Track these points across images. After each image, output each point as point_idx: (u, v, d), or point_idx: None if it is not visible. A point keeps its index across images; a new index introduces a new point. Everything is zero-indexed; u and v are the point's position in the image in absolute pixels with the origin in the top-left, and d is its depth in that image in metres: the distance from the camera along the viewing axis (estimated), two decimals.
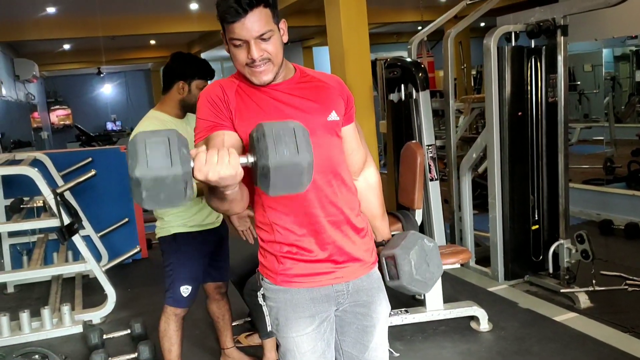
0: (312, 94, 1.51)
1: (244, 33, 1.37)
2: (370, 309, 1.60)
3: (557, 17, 3.56)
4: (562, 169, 3.73)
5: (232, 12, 1.35)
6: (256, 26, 1.36)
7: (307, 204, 1.48)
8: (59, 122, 15.49)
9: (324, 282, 1.52)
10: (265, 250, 1.54)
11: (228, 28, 1.38)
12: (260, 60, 1.39)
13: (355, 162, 1.65)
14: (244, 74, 1.44)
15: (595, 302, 3.46)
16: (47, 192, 3.53)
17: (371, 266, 1.61)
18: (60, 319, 3.58)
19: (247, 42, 1.38)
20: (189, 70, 2.43)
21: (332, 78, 1.59)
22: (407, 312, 3.21)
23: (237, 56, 1.41)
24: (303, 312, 1.51)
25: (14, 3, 6.56)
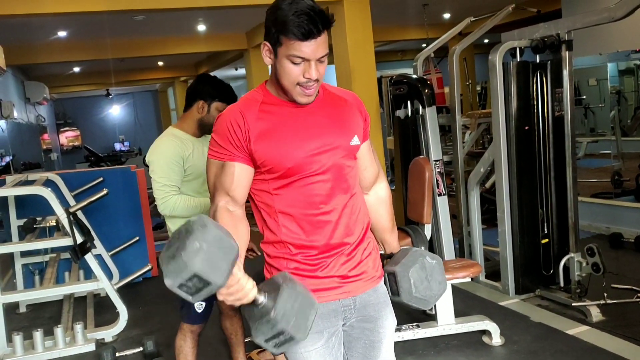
0: (337, 115, 1.52)
1: (310, 53, 1.36)
2: (377, 324, 1.60)
3: (561, 33, 3.61)
4: (570, 182, 3.74)
5: (305, 31, 1.33)
6: (321, 48, 1.37)
7: (326, 227, 1.50)
8: (68, 143, 15.63)
9: (331, 297, 1.52)
10: (271, 267, 1.55)
11: (292, 44, 1.35)
12: (314, 81, 1.40)
13: (368, 178, 1.67)
14: (289, 90, 1.42)
15: (607, 315, 3.45)
16: (60, 212, 3.57)
17: (377, 280, 1.62)
18: (73, 338, 3.60)
19: (308, 62, 1.37)
20: (211, 91, 2.46)
21: (350, 95, 1.60)
22: (418, 327, 3.21)
23: (291, 73, 1.39)
24: (311, 328, 1.51)
25: (25, 27, 6.68)
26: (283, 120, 1.45)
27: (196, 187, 2.46)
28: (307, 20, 1.33)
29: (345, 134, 1.51)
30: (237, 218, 1.48)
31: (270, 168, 1.45)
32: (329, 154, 1.48)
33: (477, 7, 6.19)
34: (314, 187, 1.48)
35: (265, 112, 1.46)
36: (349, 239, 1.53)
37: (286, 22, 1.34)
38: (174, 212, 2.39)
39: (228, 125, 1.44)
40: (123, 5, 5.18)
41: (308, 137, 1.46)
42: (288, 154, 1.44)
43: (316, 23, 1.34)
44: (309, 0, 1.37)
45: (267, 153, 1.43)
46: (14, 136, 8.48)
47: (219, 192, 1.49)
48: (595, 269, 3.56)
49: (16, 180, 4.21)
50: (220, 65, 11.08)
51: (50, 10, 5.03)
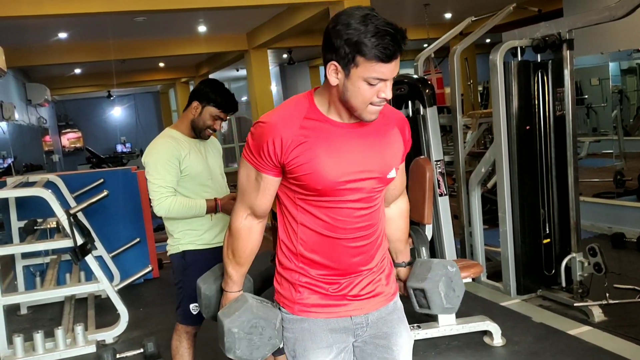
0: (380, 142, 1.45)
1: (389, 74, 1.31)
2: (390, 341, 1.56)
3: (562, 32, 3.59)
4: (571, 181, 3.73)
5: (390, 53, 1.27)
6: (396, 68, 1.32)
7: (347, 252, 1.47)
8: (69, 145, 15.66)
9: (342, 313, 1.49)
10: (282, 278, 1.52)
11: (372, 66, 1.28)
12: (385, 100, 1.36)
13: (394, 195, 1.66)
14: (358, 109, 1.35)
15: (609, 315, 3.44)
16: (60, 213, 3.57)
17: (391, 297, 1.58)
18: (73, 339, 3.60)
19: (384, 82, 1.32)
20: (209, 95, 2.45)
21: (397, 117, 1.53)
22: (419, 328, 3.20)
23: (365, 93, 1.32)
24: (321, 343, 1.48)
25: (26, 29, 6.69)
26: (323, 139, 1.38)
27: (193, 188, 2.45)
28: (392, 42, 1.27)
29: (385, 165, 1.45)
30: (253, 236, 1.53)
31: (301, 184, 1.41)
32: (363, 182, 1.42)
33: (478, 6, 6.17)
34: (340, 211, 1.43)
35: (307, 128, 1.38)
36: (367, 267, 1.50)
37: (366, 43, 1.26)
38: (169, 213, 2.39)
39: (265, 142, 1.38)
40: (124, 7, 5.18)
41: (345, 162, 1.39)
42: (321, 176, 1.38)
43: (399, 43, 1.28)
44: (381, 17, 1.29)
45: (300, 170, 1.38)
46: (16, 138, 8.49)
47: (242, 203, 1.51)
48: (597, 269, 3.55)
49: (17, 181, 4.21)
50: (221, 66, 11.08)
51: (51, 11, 5.03)
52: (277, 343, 1.49)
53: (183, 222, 2.45)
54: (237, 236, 1.53)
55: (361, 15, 1.28)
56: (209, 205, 2.41)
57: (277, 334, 1.48)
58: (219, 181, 2.56)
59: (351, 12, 1.30)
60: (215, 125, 2.48)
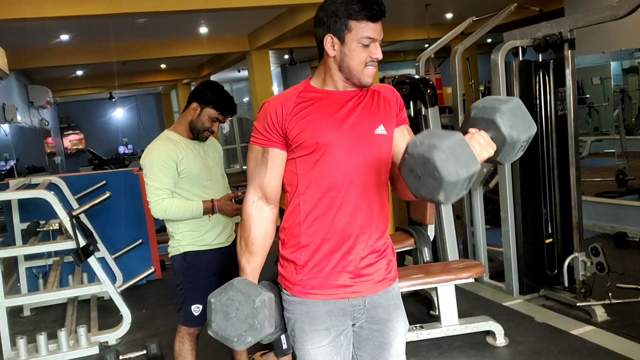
0: (368, 105, 1.58)
1: (376, 34, 1.50)
2: (387, 326, 1.61)
3: (564, 31, 3.59)
4: (573, 181, 3.73)
5: (376, 12, 1.48)
6: (381, 31, 1.52)
7: (347, 212, 1.52)
8: (72, 146, 15.67)
9: (340, 295, 1.53)
10: (284, 260, 1.58)
11: (363, 27, 1.48)
12: (377, 61, 1.53)
13: None
14: (356, 73, 1.52)
15: (612, 315, 3.43)
16: (63, 215, 3.57)
17: (389, 282, 1.61)
18: (76, 341, 3.60)
19: (374, 42, 1.50)
20: (208, 96, 2.46)
21: (383, 87, 1.68)
22: (422, 328, 3.20)
23: (360, 54, 1.50)
24: (319, 325, 1.53)
25: (27, 31, 6.71)
26: (317, 104, 1.54)
27: (192, 189, 2.45)
28: (375, 4, 1.48)
29: (371, 122, 1.56)
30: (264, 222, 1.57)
31: (301, 143, 1.51)
32: (355, 135, 1.53)
33: (479, 6, 6.17)
34: (338, 164, 1.51)
35: (303, 99, 1.55)
36: (365, 230, 1.54)
37: (354, 8, 1.47)
38: (167, 215, 2.39)
39: (267, 112, 1.54)
40: (125, 9, 5.18)
41: (338, 119, 1.53)
42: (319, 130, 1.51)
43: (380, 6, 1.49)
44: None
45: (300, 129, 1.51)
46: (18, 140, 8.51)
47: (253, 185, 1.58)
48: (600, 269, 3.54)
49: (19, 183, 4.23)
50: (223, 67, 11.09)
51: (52, 14, 5.04)
52: (256, 325, 1.44)
53: (184, 224, 2.45)
54: (249, 222, 1.57)
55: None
56: (206, 206, 2.42)
57: (256, 314, 1.44)
58: (219, 182, 2.56)
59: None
60: (214, 127, 2.49)
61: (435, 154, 1.20)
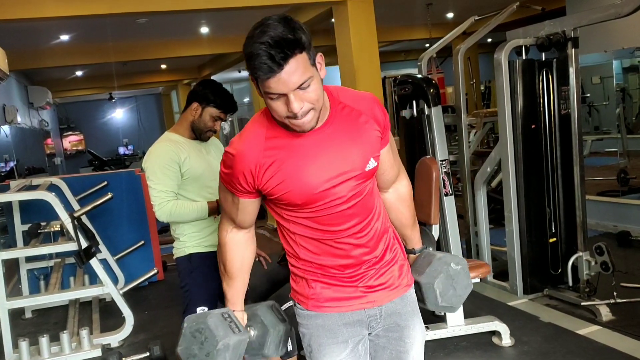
0: (350, 138, 1.39)
1: (280, 87, 1.22)
2: (403, 333, 1.56)
3: (567, 30, 3.57)
4: (577, 180, 3.71)
5: (264, 70, 1.20)
6: (294, 78, 1.21)
7: (347, 248, 1.46)
8: (71, 147, 15.63)
9: (355, 306, 1.48)
10: (296, 275, 1.53)
11: (263, 82, 1.23)
12: (302, 114, 1.26)
13: (387, 181, 1.61)
14: (284, 123, 1.31)
15: (617, 314, 3.41)
16: (64, 216, 3.56)
17: (405, 288, 1.57)
18: (79, 343, 3.58)
19: (284, 95, 1.24)
20: (209, 95, 2.42)
21: (365, 102, 1.44)
22: (428, 329, 3.18)
23: (276, 109, 1.27)
24: (336, 338, 1.48)
25: (27, 32, 6.69)
26: (291, 155, 1.34)
27: (196, 190, 2.43)
28: (266, 57, 1.19)
29: (361, 160, 1.40)
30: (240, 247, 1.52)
31: (283, 202, 1.40)
32: (343, 185, 1.38)
33: (481, 6, 6.14)
34: (329, 217, 1.42)
35: (272, 148, 1.34)
36: (369, 257, 1.49)
37: (250, 58, 1.22)
38: (172, 218, 2.37)
39: (235, 175, 1.38)
40: (126, 8, 5.16)
41: (319, 170, 1.35)
42: (298, 191, 1.35)
43: (273, 58, 1.19)
44: (277, 28, 1.22)
45: (277, 191, 1.37)
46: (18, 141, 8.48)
47: (226, 218, 1.52)
48: (605, 268, 3.53)
49: (20, 185, 4.20)
50: (224, 67, 11.07)
51: (52, 14, 5.02)
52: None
53: (189, 225, 2.43)
54: (225, 249, 1.53)
55: (255, 28, 1.24)
56: (211, 206, 2.39)
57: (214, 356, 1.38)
58: None
59: (259, 23, 1.25)
60: (216, 126, 2.46)
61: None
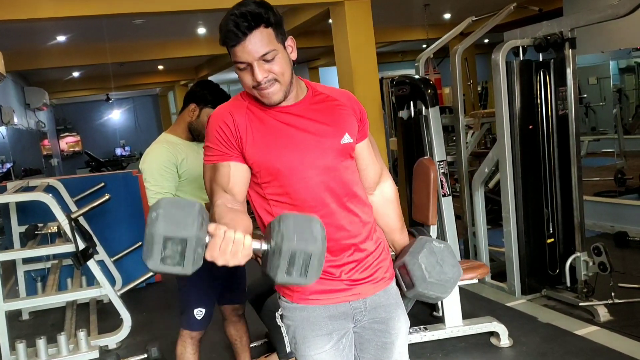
0: (325, 116, 1.49)
1: (245, 56, 1.35)
2: (388, 325, 1.59)
3: (564, 30, 3.58)
4: (575, 181, 3.72)
5: (231, 36, 1.34)
6: (257, 47, 1.34)
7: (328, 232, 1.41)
8: (68, 149, 15.62)
9: (340, 299, 1.51)
10: None
11: (231, 52, 1.37)
12: (267, 82, 1.37)
13: (370, 177, 1.63)
14: (253, 95, 1.43)
15: (615, 315, 3.41)
16: (62, 218, 3.54)
17: (388, 281, 1.59)
18: (76, 345, 3.56)
19: (250, 65, 1.36)
20: (206, 96, 2.41)
21: (343, 94, 1.57)
22: (426, 330, 3.18)
23: (244, 79, 1.40)
24: (320, 330, 1.50)
25: (24, 33, 6.67)
26: (270, 126, 1.43)
27: (193, 192, 2.42)
28: (233, 24, 1.33)
29: (335, 133, 1.48)
30: (238, 212, 1.40)
31: (259, 171, 1.44)
32: (320, 155, 1.45)
33: (478, 6, 6.16)
34: (307, 191, 1.44)
35: (253, 116, 1.44)
36: (353, 240, 1.50)
37: (220, 32, 1.36)
38: None
39: (218, 126, 1.43)
40: (122, 9, 5.16)
41: (296, 142, 1.43)
42: (276, 160, 1.42)
43: (238, 26, 1.32)
44: (249, 4, 1.35)
45: (256, 158, 1.42)
46: (15, 142, 8.47)
47: (217, 192, 1.46)
48: (602, 268, 3.53)
49: (17, 186, 4.18)
50: (221, 68, 11.07)
51: (49, 14, 5.01)
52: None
53: None
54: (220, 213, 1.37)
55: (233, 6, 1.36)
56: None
57: None
58: None
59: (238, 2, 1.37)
60: None
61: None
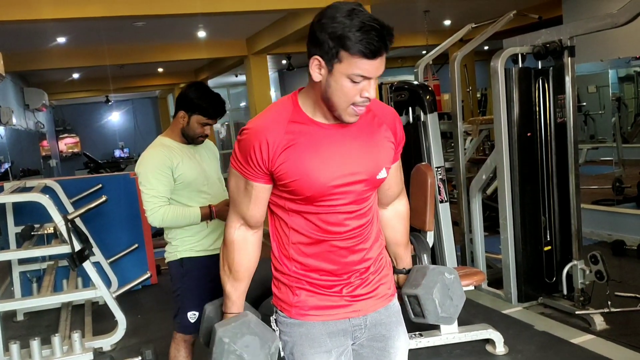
0: (368, 142, 1.41)
1: (373, 71, 1.27)
2: (387, 344, 1.55)
3: (563, 39, 3.59)
4: (573, 189, 3.72)
5: (374, 49, 1.23)
6: (382, 67, 1.28)
7: (339, 252, 1.44)
8: (67, 150, 15.61)
9: (340, 315, 1.47)
10: (279, 282, 1.50)
11: (356, 62, 1.25)
12: (366, 102, 1.32)
13: (390, 197, 1.61)
14: (339, 109, 1.32)
15: (611, 323, 3.41)
16: (58, 219, 3.53)
17: (390, 298, 1.56)
18: (70, 347, 3.54)
19: (368, 80, 1.28)
20: (192, 103, 2.39)
21: (387, 114, 1.48)
22: (421, 336, 3.17)
23: (349, 92, 1.28)
24: (319, 347, 1.46)
25: (24, 34, 6.68)
26: (310, 143, 1.35)
27: (189, 195, 2.41)
28: (377, 37, 1.23)
29: (375, 166, 1.42)
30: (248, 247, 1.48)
31: (290, 190, 1.38)
32: (352, 186, 1.40)
33: (478, 13, 6.18)
34: (330, 216, 1.41)
35: (292, 132, 1.35)
36: (362, 265, 1.48)
37: (350, 37, 1.23)
38: (163, 223, 2.35)
39: (251, 148, 1.35)
40: (123, 11, 5.16)
41: (334, 166, 1.36)
42: (309, 181, 1.35)
43: (385, 40, 1.24)
44: (367, 12, 1.26)
45: (288, 177, 1.36)
46: (13, 143, 8.45)
47: (235, 213, 1.47)
48: (599, 277, 3.53)
49: (14, 187, 4.17)
50: (221, 71, 11.07)
51: (49, 16, 5.01)
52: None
53: (181, 229, 2.41)
54: (232, 248, 1.48)
55: (347, 9, 1.25)
56: (204, 212, 2.38)
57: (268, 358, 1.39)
58: (216, 186, 2.52)
59: (338, 6, 1.27)
60: (206, 131, 2.44)
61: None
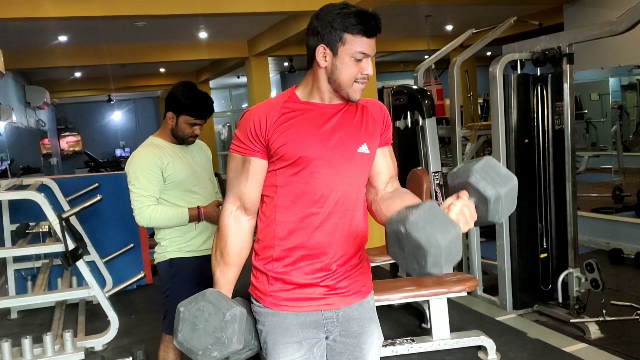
0: (352, 120, 1.56)
1: (371, 49, 1.48)
2: (360, 339, 1.59)
3: (562, 46, 3.58)
4: (570, 196, 3.70)
5: (371, 28, 1.46)
6: (374, 48, 1.50)
7: (321, 228, 1.49)
8: (68, 148, 15.61)
9: (312, 307, 1.52)
10: (257, 270, 1.56)
11: (358, 41, 1.46)
12: (366, 79, 1.52)
13: (382, 181, 1.63)
14: (345, 87, 1.50)
15: (606, 332, 3.39)
16: (52, 217, 3.52)
17: (364, 295, 1.59)
18: (62, 346, 3.54)
19: (367, 58, 1.48)
20: (179, 104, 2.38)
21: (372, 103, 1.64)
22: (413, 341, 3.15)
23: (351, 69, 1.48)
24: (291, 338, 1.51)
25: (26, 32, 6.68)
26: (303, 117, 1.51)
27: (179, 195, 2.40)
28: (372, 20, 1.46)
29: (355, 139, 1.54)
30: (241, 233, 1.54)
31: (283, 155, 1.49)
32: (336, 152, 1.51)
33: (480, 19, 6.17)
34: (318, 180, 1.49)
35: (287, 109, 1.52)
36: (342, 247, 1.52)
37: (351, 21, 1.45)
38: (151, 223, 2.34)
39: (250, 122, 1.50)
40: (124, 11, 5.16)
41: (320, 134, 1.51)
42: (303, 144, 1.48)
43: (377, 22, 1.48)
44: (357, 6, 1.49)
45: (284, 141, 1.48)
46: (13, 140, 8.46)
47: (232, 194, 1.55)
48: (595, 285, 3.51)
49: (10, 184, 4.18)
50: (222, 72, 11.08)
51: (51, 14, 5.01)
52: (223, 339, 1.39)
53: (170, 229, 2.40)
54: (225, 232, 1.54)
55: (340, 5, 1.49)
56: (192, 213, 2.36)
57: (224, 328, 1.39)
58: (206, 187, 2.50)
59: (331, 4, 1.50)
60: (195, 131, 2.43)
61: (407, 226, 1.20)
